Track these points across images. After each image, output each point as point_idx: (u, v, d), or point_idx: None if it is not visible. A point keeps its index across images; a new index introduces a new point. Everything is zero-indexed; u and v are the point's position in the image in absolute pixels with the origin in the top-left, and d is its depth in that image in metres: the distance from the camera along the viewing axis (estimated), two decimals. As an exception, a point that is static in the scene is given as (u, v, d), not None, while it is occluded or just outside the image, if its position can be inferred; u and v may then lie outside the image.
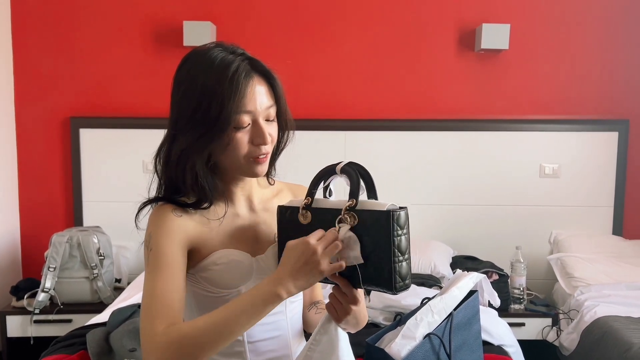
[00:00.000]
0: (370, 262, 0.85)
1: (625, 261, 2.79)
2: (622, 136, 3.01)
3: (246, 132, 0.96)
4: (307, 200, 0.95)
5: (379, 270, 0.85)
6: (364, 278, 0.87)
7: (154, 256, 0.95)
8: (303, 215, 0.95)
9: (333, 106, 3.04)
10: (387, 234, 0.83)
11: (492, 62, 3.04)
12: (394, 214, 0.83)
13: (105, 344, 1.80)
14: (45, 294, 2.58)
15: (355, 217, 0.87)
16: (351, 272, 0.88)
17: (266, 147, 0.98)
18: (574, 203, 3.06)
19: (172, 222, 0.97)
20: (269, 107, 0.98)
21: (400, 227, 0.83)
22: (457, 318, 1.19)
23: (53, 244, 2.63)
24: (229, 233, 1.03)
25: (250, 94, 0.95)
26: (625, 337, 2.12)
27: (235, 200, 1.07)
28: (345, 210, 0.88)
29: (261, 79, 0.98)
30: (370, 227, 0.85)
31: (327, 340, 0.95)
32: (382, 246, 0.83)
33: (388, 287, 0.84)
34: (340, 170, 0.92)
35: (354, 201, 0.88)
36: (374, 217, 0.84)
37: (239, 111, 0.94)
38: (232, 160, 0.98)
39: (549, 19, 3.02)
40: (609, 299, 2.47)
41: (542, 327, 2.61)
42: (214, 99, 0.92)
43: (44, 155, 3.04)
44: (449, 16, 3.02)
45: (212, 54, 0.96)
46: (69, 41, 2.99)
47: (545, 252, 3.04)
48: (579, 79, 3.06)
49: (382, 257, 0.84)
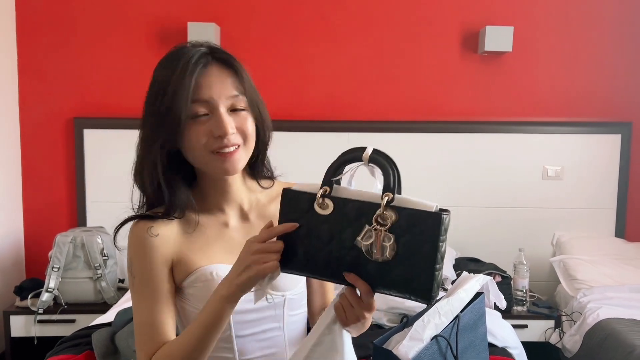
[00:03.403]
0: (403, 268, 0.76)
1: (627, 263, 2.79)
2: (625, 139, 3.02)
3: (203, 123, 0.90)
4: (325, 189, 0.82)
5: (414, 277, 0.76)
6: (392, 283, 0.78)
7: (137, 283, 0.92)
8: (321, 204, 0.81)
9: (336, 107, 3.05)
10: (433, 239, 0.74)
11: (496, 64, 3.04)
12: (444, 217, 0.74)
13: (110, 344, 1.80)
14: (49, 294, 2.58)
15: (395, 214, 0.76)
16: (376, 275, 0.78)
17: (229, 139, 0.90)
18: (577, 205, 3.06)
19: (150, 244, 0.92)
20: (232, 97, 0.91)
21: (446, 231, 0.75)
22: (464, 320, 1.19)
23: (57, 244, 2.63)
24: (216, 246, 0.96)
25: (205, 82, 0.89)
26: (628, 339, 2.13)
27: (225, 209, 0.99)
28: (384, 205, 0.76)
29: (222, 67, 0.92)
30: (411, 228, 0.75)
31: (331, 342, 0.88)
32: (423, 251, 0.75)
33: (423, 296, 0.76)
34: (368, 159, 0.81)
35: (391, 195, 0.77)
36: (420, 217, 0.75)
37: (192, 99, 0.88)
38: (196, 155, 0.92)
39: (552, 21, 3.03)
40: (611, 301, 2.47)
41: (545, 329, 2.61)
42: (167, 90, 0.88)
43: (47, 156, 3.05)
44: (453, 18, 3.02)
45: (176, 49, 0.94)
46: (73, 42, 3.00)
47: (548, 254, 3.05)
48: (582, 82, 3.06)
49: (421, 263, 0.75)
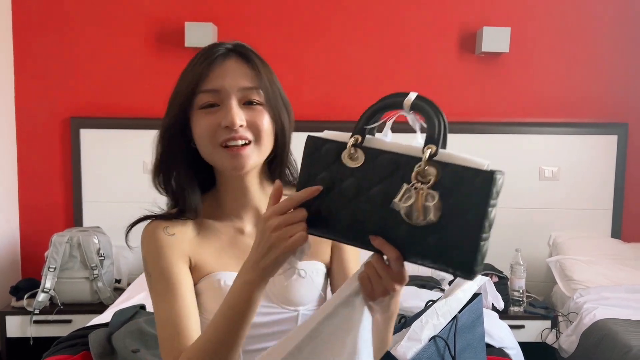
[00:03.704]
0: (443, 233, 0.64)
1: (623, 264, 2.80)
2: (621, 140, 3.03)
3: (212, 114, 0.86)
4: (357, 138, 0.72)
5: (454, 246, 0.64)
6: (427, 252, 0.66)
7: (155, 281, 0.88)
8: (351, 155, 0.71)
9: (333, 108, 3.05)
10: (481, 201, 0.62)
11: (493, 65, 3.05)
12: (496, 177, 0.63)
13: (107, 345, 1.80)
14: (45, 294, 2.57)
15: (438, 170, 0.65)
16: (408, 240, 0.66)
17: (238, 131, 0.85)
18: (573, 206, 3.07)
19: (166, 241, 0.89)
20: (246, 89, 0.87)
21: (497, 195, 0.64)
22: (462, 320, 1.20)
23: (53, 244, 2.62)
24: (229, 252, 0.91)
25: (218, 72, 0.87)
26: (624, 339, 2.13)
27: (241, 214, 0.95)
28: (426, 159, 0.65)
29: (240, 59, 0.89)
30: (456, 189, 0.64)
31: (347, 316, 0.73)
32: (469, 215, 0.63)
33: (464, 269, 0.64)
34: (410, 105, 0.70)
35: (434, 148, 0.66)
36: (467, 175, 0.64)
37: (202, 89, 0.87)
38: (203, 148, 0.88)
39: (549, 22, 3.04)
40: (608, 302, 2.48)
41: (542, 329, 2.62)
42: (183, 82, 0.89)
43: (44, 156, 3.04)
44: (450, 19, 3.03)
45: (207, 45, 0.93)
46: (70, 41, 2.99)
47: (545, 254, 3.06)
48: (579, 83, 3.07)
49: (464, 230, 0.63)
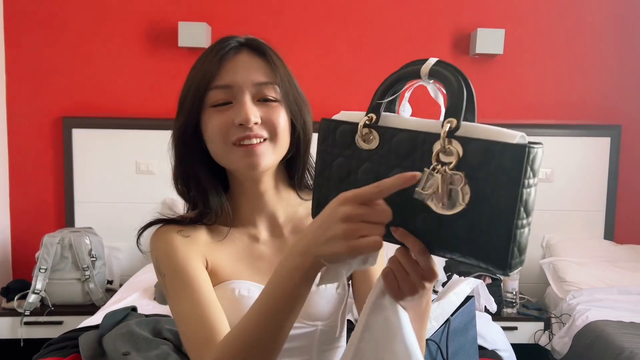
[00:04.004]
0: (472, 221, 0.54)
1: (616, 265, 2.81)
2: (615, 141, 3.04)
3: (224, 111, 0.81)
4: (370, 117, 0.63)
5: (485, 235, 0.54)
6: (454, 243, 0.56)
7: (170, 280, 0.81)
8: (364, 136, 0.62)
9: (326, 109, 3.03)
10: (512, 181, 0.52)
11: (487, 66, 3.05)
12: (530, 149, 0.52)
13: (98, 347, 1.78)
14: (35, 296, 2.55)
15: (460, 147, 0.55)
16: (432, 230, 0.57)
17: (253, 129, 0.80)
18: (567, 207, 3.08)
19: (179, 240, 0.83)
20: (261, 84, 0.82)
21: (533, 173, 0.53)
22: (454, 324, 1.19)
23: (44, 245, 2.60)
24: (244, 261, 0.86)
25: (230, 67, 0.82)
26: (617, 341, 2.14)
27: (256, 221, 0.89)
28: (445, 135, 0.56)
29: (253, 53, 0.85)
30: (483, 167, 0.54)
31: (383, 322, 0.64)
32: (499, 199, 0.53)
33: (497, 262, 0.54)
34: (428, 73, 0.60)
35: (455, 122, 0.56)
36: (495, 151, 0.53)
37: (214, 85, 0.81)
38: (216, 148, 0.83)
39: (543, 24, 3.04)
40: (600, 303, 2.48)
41: (535, 331, 2.62)
42: (192, 80, 0.83)
43: (35, 155, 3.01)
44: (445, 20, 3.03)
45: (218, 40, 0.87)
46: (63, 40, 2.96)
47: (538, 256, 3.06)
48: (573, 85, 3.08)
49: (495, 215, 0.53)
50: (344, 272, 0.62)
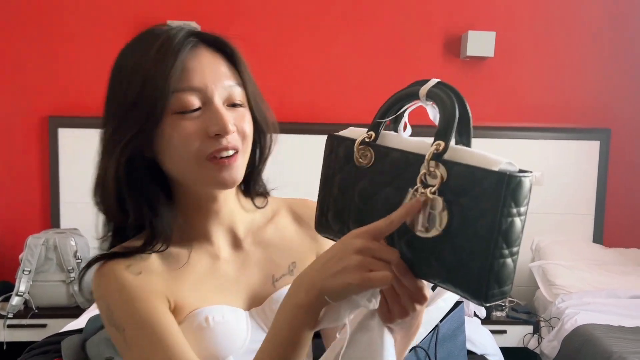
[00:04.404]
0: (453, 248, 0.54)
1: (605, 269, 2.81)
2: (604, 145, 3.05)
3: (192, 119, 0.69)
4: (369, 135, 0.63)
5: (464, 262, 0.54)
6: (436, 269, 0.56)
7: (132, 335, 0.68)
8: (361, 154, 0.62)
9: (319, 110, 3.02)
10: (492, 209, 0.51)
11: (478, 69, 3.05)
12: (510, 179, 0.51)
13: (81, 352, 1.75)
14: (19, 298, 2.51)
15: (444, 171, 0.55)
16: (417, 252, 0.57)
17: (229, 138, 0.70)
18: (556, 210, 3.08)
19: (134, 282, 0.70)
20: (229, 87, 0.72)
21: (516, 202, 0.52)
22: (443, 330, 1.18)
23: (28, 246, 2.56)
24: (209, 285, 0.75)
25: (195, 66, 0.70)
26: (606, 345, 2.14)
27: (212, 236, 0.78)
28: (430, 159, 0.55)
29: (214, 51, 0.73)
30: (466, 192, 0.53)
31: (367, 342, 0.63)
32: (480, 226, 0.52)
33: (473, 291, 0.53)
34: (426, 94, 0.60)
35: (443, 145, 0.56)
36: (476, 177, 0.53)
37: (179, 88, 0.68)
38: (181, 163, 0.71)
39: (534, 27, 3.05)
40: (589, 307, 2.49)
41: (524, 334, 2.62)
42: (138, 76, 0.69)
43: (21, 155, 2.96)
44: (436, 22, 3.02)
45: (150, 29, 0.74)
46: (49, 38, 2.92)
47: (527, 259, 3.06)
48: (563, 88, 3.09)
49: (475, 243, 0.53)
50: (346, 312, 0.60)
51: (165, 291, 0.72)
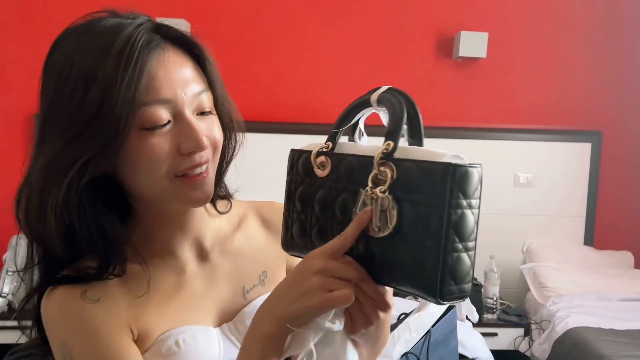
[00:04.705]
0: (408, 245, 0.53)
1: (595, 271, 2.81)
2: (595, 147, 3.05)
3: (160, 135, 0.62)
4: (326, 145, 0.62)
5: (418, 260, 0.52)
6: (393, 271, 0.54)
7: None
8: (319, 164, 0.61)
9: (308, 110, 2.99)
10: (439, 202, 0.51)
11: (470, 70, 3.03)
12: (456, 169, 0.51)
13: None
14: (2, 299, 2.46)
15: (393, 170, 0.54)
16: (372, 255, 0.56)
17: (203, 154, 0.64)
18: (547, 212, 3.07)
19: (92, 311, 0.63)
20: (199, 93, 0.64)
21: (464, 193, 0.51)
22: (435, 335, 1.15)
23: (12, 246, 2.52)
24: (175, 304, 0.69)
25: (163, 73, 0.61)
26: (597, 348, 2.14)
27: (176, 249, 0.71)
28: (379, 159, 0.55)
29: (178, 51, 0.65)
30: (415, 188, 0.53)
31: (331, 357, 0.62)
32: (429, 221, 0.52)
33: (428, 289, 0.52)
34: (377, 99, 0.60)
35: (392, 144, 0.55)
36: (423, 171, 0.52)
37: (146, 100, 0.60)
38: (148, 183, 0.63)
39: (527, 29, 3.04)
40: (580, 309, 2.49)
41: (515, 337, 2.61)
42: (94, 83, 0.59)
43: (5, 152, 2.91)
44: (428, 23, 3.00)
45: (98, 22, 0.65)
46: (35, 32, 2.86)
47: (518, 261, 3.05)
48: (555, 90, 3.08)
49: (426, 239, 0.52)
50: (312, 337, 0.58)
51: (127, 319, 0.65)
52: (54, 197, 0.60)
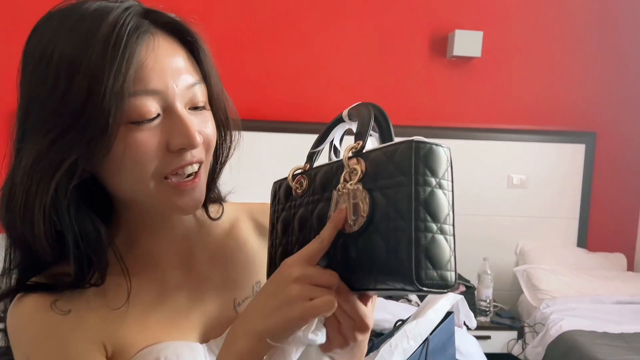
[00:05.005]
0: (382, 234, 0.50)
1: (588, 273, 2.80)
2: (589, 149, 3.03)
3: (148, 130, 0.56)
4: (304, 167, 0.62)
5: (393, 247, 0.49)
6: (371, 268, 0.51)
7: None
8: (297, 185, 0.61)
9: (302, 108, 2.94)
10: (406, 179, 0.49)
11: (464, 69, 3.00)
12: (419, 145, 0.49)
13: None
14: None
15: (361, 163, 0.53)
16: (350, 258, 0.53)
17: (194, 153, 0.58)
18: (540, 214, 3.05)
19: (62, 324, 0.57)
20: (192, 86, 0.58)
21: (431, 171, 0.50)
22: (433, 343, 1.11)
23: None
24: (156, 318, 0.62)
25: (153, 62, 0.55)
26: (590, 352, 2.12)
27: (161, 258, 0.65)
28: (348, 155, 0.54)
29: (169, 37, 0.59)
30: (381, 173, 0.52)
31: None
32: (398, 202, 0.49)
33: (404, 273, 0.48)
34: (347, 114, 0.61)
35: (360, 143, 0.54)
36: (388, 154, 0.51)
37: (134, 90, 0.54)
38: (133, 184, 0.57)
39: (522, 28, 3.01)
40: (574, 312, 2.47)
41: (508, 340, 2.58)
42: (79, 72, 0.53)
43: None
44: (422, 21, 2.97)
45: (82, 5, 0.57)
46: (20, 27, 2.79)
47: (512, 263, 3.03)
48: (549, 91, 3.06)
49: (398, 221, 0.49)
50: (293, 352, 0.54)
51: (101, 334, 0.59)
52: (42, 200, 0.55)
